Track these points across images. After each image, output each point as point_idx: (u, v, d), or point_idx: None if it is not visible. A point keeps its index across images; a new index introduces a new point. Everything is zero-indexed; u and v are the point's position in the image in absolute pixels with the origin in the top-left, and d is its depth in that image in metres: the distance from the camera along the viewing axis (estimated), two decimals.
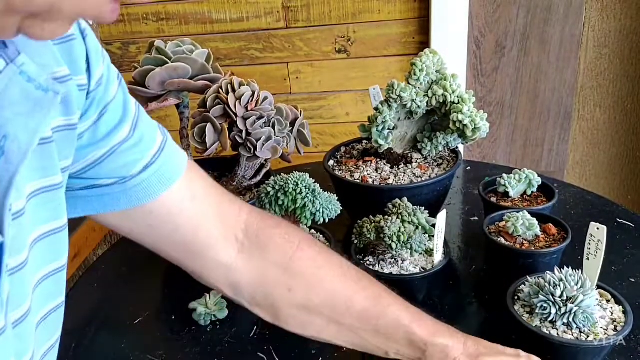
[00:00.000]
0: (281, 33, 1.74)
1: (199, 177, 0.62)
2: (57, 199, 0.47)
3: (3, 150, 0.38)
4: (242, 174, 1.01)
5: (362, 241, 0.87)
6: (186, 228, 0.59)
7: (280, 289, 0.63)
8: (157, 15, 1.76)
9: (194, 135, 0.95)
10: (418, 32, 1.69)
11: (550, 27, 1.73)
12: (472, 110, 0.99)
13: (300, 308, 0.63)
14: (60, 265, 0.49)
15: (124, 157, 0.53)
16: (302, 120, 1.04)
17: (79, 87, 0.48)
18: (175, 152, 0.59)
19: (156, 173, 0.56)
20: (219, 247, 0.62)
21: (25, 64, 0.39)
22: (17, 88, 0.39)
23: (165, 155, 0.57)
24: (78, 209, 0.54)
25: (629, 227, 1.02)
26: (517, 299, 0.76)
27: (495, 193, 1.03)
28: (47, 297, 0.48)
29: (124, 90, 0.54)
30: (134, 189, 0.55)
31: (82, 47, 0.48)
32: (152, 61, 0.93)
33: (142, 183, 0.55)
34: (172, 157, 0.58)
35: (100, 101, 0.51)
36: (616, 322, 0.72)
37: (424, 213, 0.87)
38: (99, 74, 0.50)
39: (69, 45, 0.47)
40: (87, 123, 0.50)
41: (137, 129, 0.54)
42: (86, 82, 0.49)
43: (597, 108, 1.86)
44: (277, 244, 0.64)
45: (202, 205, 0.61)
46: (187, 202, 0.59)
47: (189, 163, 0.60)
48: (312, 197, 0.83)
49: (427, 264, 0.84)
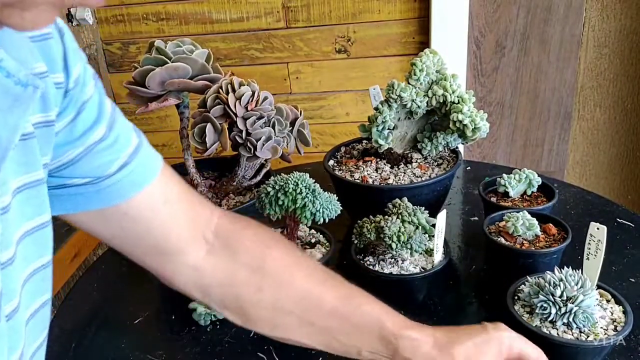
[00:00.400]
0: (281, 33, 1.74)
1: (173, 180, 0.61)
2: (41, 194, 0.48)
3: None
4: (242, 174, 1.01)
5: (362, 241, 0.87)
6: (158, 230, 0.59)
7: (249, 289, 0.63)
8: (157, 15, 1.76)
9: (194, 135, 0.95)
10: (418, 32, 1.69)
11: (550, 27, 1.73)
12: (472, 110, 0.99)
13: (271, 308, 0.63)
14: (47, 261, 0.49)
15: (99, 157, 0.53)
16: (302, 120, 1.04)
17: (56, 84, 0.48)
18: (151, 154, 0.59)
19: (131, 174, 0.56)
20: (189, 249, 0.62)
21: (4, 60, 0.39)
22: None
23: (140, 157, 0.57)
24: (51, 208, 0.54)
25: (629, 227, 1.02)
26: (517, 299, 0.76)
27: (495, 193, 1.03)
28: (35, 294, 0.48)
29: (100, 90, 0.55)
30: (108, 189, 0.55)
31: (59, 45, 0.48)
32: (152, 61, 0.93)
33: (116, 183, 0.55)
34: (147, 158, 0.58)
35: (78, 100, 0.51)
36: (616, 322, 0.72)
37: (424, 213, 0.87)
38: (77, 72, 0.50)
39: (46, 44, 0.47)
40: (65, 121, 0.50)
41: (112, 129, 0.54)
42: (63, 81, 0.49)
43: (597, 108, 1.86)
44: (247, 245, 0.64)
45: (174, 207, 0.60)
46: (160, 204, 0.59)
47: (164, 166, 0.60)
48: (312, 197, 0.83)
49: (427, 264, 0.84)
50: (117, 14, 1.77)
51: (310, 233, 0.94)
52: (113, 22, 1.79)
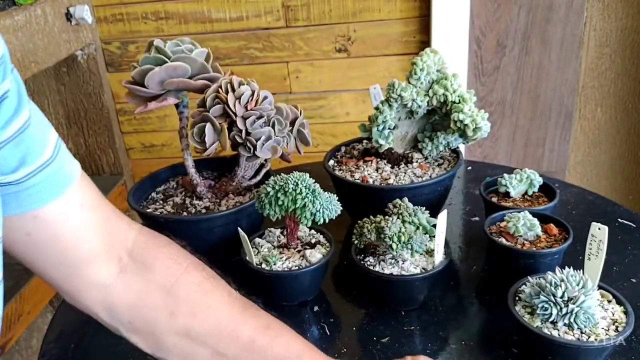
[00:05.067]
0: (281, 32, 1.74)
1: (90, 188, 0.58)
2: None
3: None
4: (242, 174, 1.01)
5: (362, 241, 0.86)
6: (68, 239, 0.55)
7: (161, 312, 0.59)
8: (156, 14, 1.76)
9: (194, 135, 0.95)
10: (419, 31, 1.69)
11: (552, 27, 1.73)
12: (473, 110, 0.98)
13: (183, 336, 0.59)
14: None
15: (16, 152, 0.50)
16: (302, 119, 1.03)
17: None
18: (69, 156, 0.56)
19: (51, 176, 0.52)
20: (99, 263, 0.58)
21: None
22: None
23: (60, 158, 0.54)
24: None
25: (631, 227, 1.02)
26: (518, 300, 0.76)
27: (496, 193, 1.02)
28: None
29: (19, 82, 0.51)
30: (27, 192, 0.51)
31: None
32: (151, 60, 0.92)
33: (36, 185, 0.51)
34: (67, 160, 0.55)
35: None
36: (617, 323, 0.71)
37: (425, 213, 0.87)
38: (0, 52, 0.47)
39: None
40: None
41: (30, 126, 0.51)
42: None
43: (598, 107, 1.86)
44: (163, 264, 0.61)
45: (89, 216, 0.57)
46: (75, 211, 0.55)
47: (82, 172, 0.57)
48: (312, 197, 0.82)
49: (428, 265, 0.84)
50: (116, 13, 1.77)
51: (310, 233, 0.93)
52: (112, 21, 1.78)
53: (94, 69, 1.77)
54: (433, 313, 0.85)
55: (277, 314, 0.64)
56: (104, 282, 0.59)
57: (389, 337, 0.81)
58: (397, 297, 0.86)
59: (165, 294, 0.60)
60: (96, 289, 0.59)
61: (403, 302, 0.86)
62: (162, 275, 0.60)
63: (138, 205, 1.00)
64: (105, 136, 1.86)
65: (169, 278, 0.60)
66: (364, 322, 0.85)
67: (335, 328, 0.84)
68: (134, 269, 0.60)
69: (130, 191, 1.02)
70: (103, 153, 1.88)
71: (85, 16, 1.59)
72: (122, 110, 1.90)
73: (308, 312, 0.87)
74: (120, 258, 0.60)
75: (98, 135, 1.86)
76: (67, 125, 1.85)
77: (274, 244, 0.91)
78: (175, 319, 0.59)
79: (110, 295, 0.59)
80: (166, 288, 0.60)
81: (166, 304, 0.59)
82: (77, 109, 1.82)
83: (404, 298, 0.85)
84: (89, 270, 0.58)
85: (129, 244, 0.61)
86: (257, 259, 0.87)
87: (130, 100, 0.97)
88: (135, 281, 0.60)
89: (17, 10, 1.37)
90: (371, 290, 0.89)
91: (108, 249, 0.59)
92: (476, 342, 0.79)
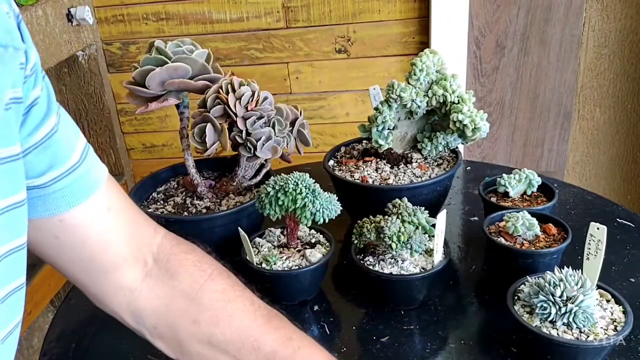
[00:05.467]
0: (281, 33, 1.74)
1: (117, 192, 0.58)
2: (16, 170, 0.45)
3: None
4: (242, 174, 1.01)
5: (362, 241, 0.87)
6: (95, 243, 0.56)
7: (185, 319, 0.59)
8: (157, 15, 1.76)
9: (194, 135, 0.95)
10: (418, 32, 1.69)
11: (551, 27, 1.73)
12: (472, 110, 0.99)
13: (205, 343, 0.59)
14: (21, 243, 0.47)
15: (48, 153, 0.50)
16: (302, 120, 1.03)
17: (20, 64, 0.45)
18: (97, 161, 0.56)
19: (77, 180, 0.53)
20: (125, 267, 0.59)
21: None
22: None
23: (87, 163, 0.54)
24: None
25: (629, 227, 1.02)
26: (517, 299, 0.76)
27: (495, 193, 1.03)
28: (7, 277, 0.45)
29: (49, 86, 0.51)
30: (53, 196, 0.51)
31: (14, 23, 0.45)
32: (152, 61, 0.93)
33: (62, 190, 0.52)
34: (94, 165, 0.55)
35: (30, 89, 0.48)
36: (616, 322, 0.72)
37: (424, 213, 0.87)
38: (34, 59, 0.47)
39: (3, 17, 0.43)
40: None
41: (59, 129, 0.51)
42: (24, 62, 0.46)
43: (597, 108, 1.86)
44: (188, 271, 0.61)
45: (116, 220, 0.57)
46: (102, 214, 0.56)
47: (109, 175, 0.58)
48: (312, 197, 0.83)
49: (427, 264, 0.84)
50: (117, 14, 1.77)
51: (310, 233, 0.94)
52: (113, 22, 1.79)
53: (95, 70, 1.77)
54: (432, 312, 0.85)
55: None
56: (129, 286, 0.59)
57: (388, 337, 0.81)
58: (397, 297, 0.86)
59: (189, 301, 0.59)
60: (122, 293, 0.59)
61: (402, 301, 0.86)
62: (186, 282, 0.60)
63: (139, 205, 1.00)
64: (106, 136, 1.86)
65: (193, 285, 0.60)
66: (363, 322, 0.85)
67: (335, 327, 0.84)
68: (159, 274, 0.60)
69: (131, 191, 1.02)
70: (104, 153, 1.89)
71: (86, 17, 1.60)
72: (123, 111, 1.90)
73: (308, 312, 0.88)
74: (146, 262, 0.60)
75: (99, 135, 1.86)
76: None
77: (274, 244, 0.92)
78: (198, 326, 0.59)
79: (136, 299, 0.60)
80: (190, 295, 0.60)
81: (189, 311, 0.59)
82: (78, 110, 1.83)
83: (404, 297, 0.86)
84: (116, 274, 0.58)
85: (154, 248, 0.61)
86: (257, 258, 0.88)
87: (131, 100, 0.98)
88: (159, 287, 0.60)
89: None
90: (371, 290, 0.89)
91: (134, 253, 0.59)
92: (475, 342, 0.79)
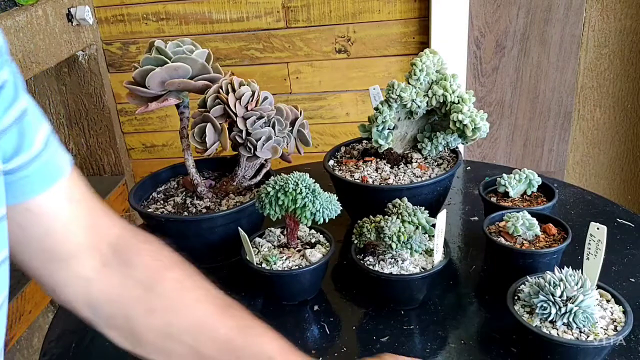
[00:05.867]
0: (281, 33, 1.74)
1: (80, 181, 0.59)
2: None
3: None
4: (242, 174, 1.01)
5: (362, 241, 0.87)
6: (57, 233, 0.56)
7: (140, 308, 0.59)
8: (157, 15, 1.76)
9: (194, 135, 0.95)
10: (418, 32, 1.69)
11: (551, 27, 1.74)
12: (472, 110, 0.99)
13: (161, 332, 0.59)
14: (4, 256, 0.46)
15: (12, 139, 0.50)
16: (302, 120, 1.04)
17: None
18: (60, 151, 0.56)
19: (42, 167, 0.53)
20: (83, 257, 0.59)
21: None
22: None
23: (51, 149, 0.54)
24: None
25: (629, 227, 1.02)
26: (517, 299, 0.76)
27: (495, 193, 1.03)
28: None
29: (15, 74, 0.51)
30: (19, 182, 0.52)
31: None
32: (152, 61, 0.93)
33: (26, 178, 0.52)
34: (58, 153, 0.56)
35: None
36: (616, 322, 0.72)
37: (424, 213, 0.87)
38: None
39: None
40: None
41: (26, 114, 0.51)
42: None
43: (597, 108, 1.87)
44: (144, 261, 0.61)
45: (77, 210, 0.58)
46: (66, 203, 0.56)
47: (72, 167, 0.58)
48: (312, 197, 0.83)
49: (427, 264, 0.84)
50: (117, 14, 1.77)
51: (310, 233, 0.94)
52: (113, 22, 1.79)
53: (95, 70, 1.78)
54: (432, 312, 0.85)
55: (278, 313, 0.64)
56: (86, 276, 0.59)
57: (388, 337, 0.81)
58: (397, 297, 0.86)
59: (144, 290, 0.60)
60: (79, 282, 0.59)
61: (402, 301, 0.86)
62: (142, 271, 0.60)
63: (139, 205, 1.00)
64: (106, 136, 1.86)
65: (149, 274, 0.60)
66: (363, 322, 0.85)
67: (335, 327, 0.84)
68: (116, 264, 0.60)
69: (131, 191, 1.02)
70: (104, 153, 1.89)
71: (86, 17, 1.60)
72: (123, 111, 1.91)
73: (308, 312, 0.88)
74: (103, 252, 0.60)
75: (99, 135, 1.86)
76: (69, 126, 1.85)
77: (274, 244, 0.92)
78: (154, 315, 0.59)
79: (92, 289, 0.60)
80: (145, 284, 0.60)
81: (145, 299, 0.59)
82: (79, 110, 1.83)
83: (404, 297, 0.86)
84: (74, 264, 0.59)
85: (112, 239, 0.61)
86: (257, 258, 0.88)
87: (131, 100, 0.98)
88: (116, 276, 0.60)
89: (18, 10, 1.37)
90: (371, 290, 0.89)
91: (93, 243, 0.59)
92: (475, 341, 0.79)
